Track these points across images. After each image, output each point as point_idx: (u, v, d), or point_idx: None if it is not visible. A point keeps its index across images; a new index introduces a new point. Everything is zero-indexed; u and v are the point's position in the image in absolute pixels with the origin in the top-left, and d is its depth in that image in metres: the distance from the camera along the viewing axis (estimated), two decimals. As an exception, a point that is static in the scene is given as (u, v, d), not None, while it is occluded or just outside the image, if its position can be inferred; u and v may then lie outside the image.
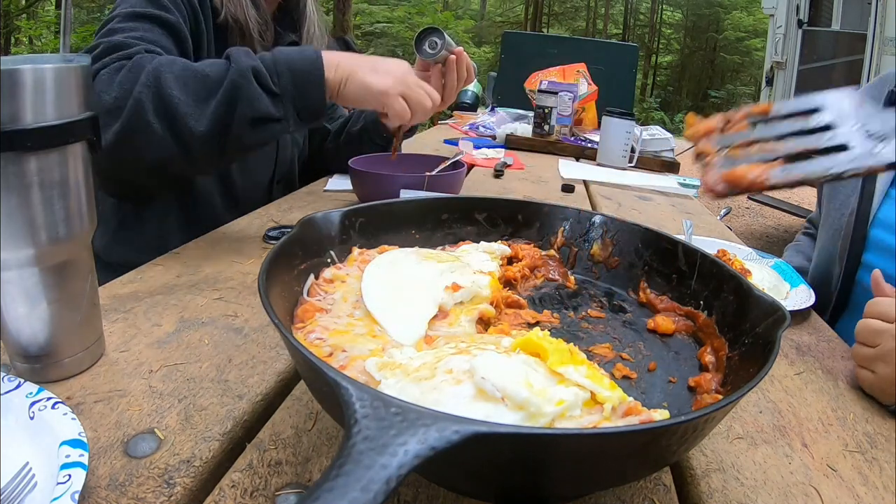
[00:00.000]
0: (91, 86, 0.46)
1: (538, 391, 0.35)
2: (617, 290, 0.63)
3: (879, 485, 0.45)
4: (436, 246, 0.65)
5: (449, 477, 0.36)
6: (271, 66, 0.78)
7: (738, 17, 15.28)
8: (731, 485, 0.44)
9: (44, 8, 9.88)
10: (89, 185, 0.48)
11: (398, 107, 0.84)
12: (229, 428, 0.45)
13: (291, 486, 0.40)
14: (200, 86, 0.76)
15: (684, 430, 0.33)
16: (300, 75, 0.79)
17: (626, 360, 0.51)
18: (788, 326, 0.41)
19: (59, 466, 0.36)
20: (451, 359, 0.38)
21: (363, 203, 0.61)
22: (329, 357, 0.42)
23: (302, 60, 0.79)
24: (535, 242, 0.68)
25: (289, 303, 0.48)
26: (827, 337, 0.72)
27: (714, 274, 0.54)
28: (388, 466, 0.25)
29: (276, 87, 0.78)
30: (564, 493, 0.37)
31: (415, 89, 0.86)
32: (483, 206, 0.68)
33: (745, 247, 0.96)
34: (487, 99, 2.99)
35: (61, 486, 0.34)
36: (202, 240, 0.84)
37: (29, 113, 0.41)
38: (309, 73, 0.79)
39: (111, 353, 0.53)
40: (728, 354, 0.48)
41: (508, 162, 1.58)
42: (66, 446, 0.38)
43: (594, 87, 2.17)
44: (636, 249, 0.63)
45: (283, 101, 0.79)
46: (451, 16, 11.54)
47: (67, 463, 0.36)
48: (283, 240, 0.49)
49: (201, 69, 0.77)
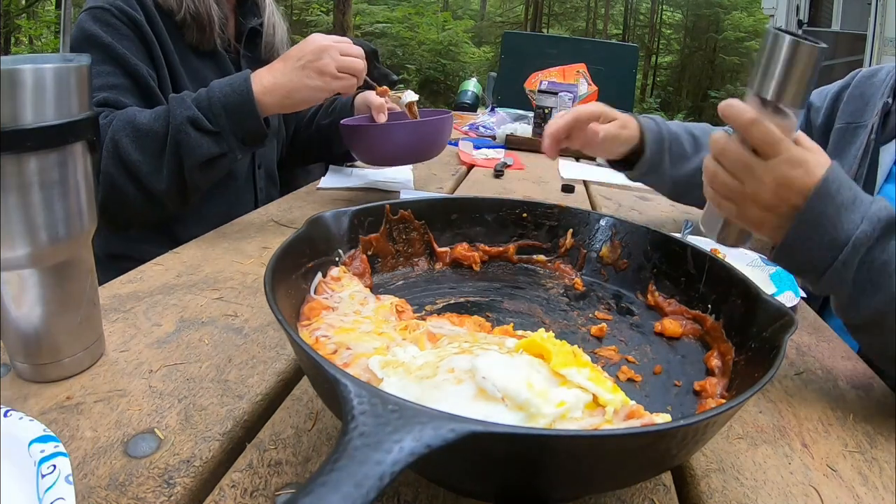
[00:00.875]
0: (90, 85, 0.46)
1: (539, 392, 0.35)
2: (625, 293, 0.63)
3: (879, 485, 0.45)
4: (444, 245, 0.65)
5: (448, 476, 0.36)
6: (206, 107, 0.84)
7: (737, 17, 15.29)
8: (731, 485, 0.44)
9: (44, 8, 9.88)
10: (89, 185, 0.48)
11: (339, 86, 0.90)
12: (229, 428, 0.45)
13: (291, 486, 0.40)
14: (151, 142, 0.84)
15: (684, 434, 0.33)
16: (233, 109, 0.85)
17: (632, 363, 0.51)
18: (795, 331, 0.41)
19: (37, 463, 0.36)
20: (454, 358, 0.38)
21: (367, 200, 0.61)
22: (333, 354, 0.42)
23: (233, 94, 0.85)
24: (544, 243, 0.68)
25: (295, 300, 0.48)
26: (827, 337, 0.72)
27: (722, 278, 0.54)
28: (382, 462, 0.25)
29: (215, 127, 0.84)
30: (564, 494, 0.37)
31: (340, 60, 0.89)
32: (492, 207, 0.68)
33: (749, 252, 0.96)
34: (487, 99, 2.98)
35: (49, 477, 0.34)
36: (202, 240, 0.84)
37: (29, 113, 0.41)
38: (241, 104, 0.85)
39: (111, 352, 0.53)
40: (735, 359, 0.48)
41: (508, 162, 1.58)
42: (37, 443, 0.38)
43: (594, 87, 2.17)
44: (645, 252, 0.63)
45: (224, 136, 0.85)
46: (450, 16, 11.55)
47: (45, 457, 0.36)
48: (290, 237, 0.49)
49: (148, 125, 0.84)
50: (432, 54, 10.42)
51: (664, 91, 17.01)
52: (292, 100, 0.89)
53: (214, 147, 0.85)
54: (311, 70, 0.88)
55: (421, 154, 1.09)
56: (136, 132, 0.84)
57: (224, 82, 0.87)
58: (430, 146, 1.07)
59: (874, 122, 0.88)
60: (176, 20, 1.02)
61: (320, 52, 0.88)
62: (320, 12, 12.41)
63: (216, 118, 0.84)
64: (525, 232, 0.68)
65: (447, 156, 1.68)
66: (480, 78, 3.31)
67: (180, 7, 1.01)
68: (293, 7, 12.82)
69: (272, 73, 0.88)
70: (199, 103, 0.85)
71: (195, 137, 0.83)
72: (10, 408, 0.42)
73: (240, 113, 0.85)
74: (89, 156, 0.47)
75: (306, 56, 0.88)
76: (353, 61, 0.90)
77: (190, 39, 1.04)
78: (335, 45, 0.90)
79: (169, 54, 1.02)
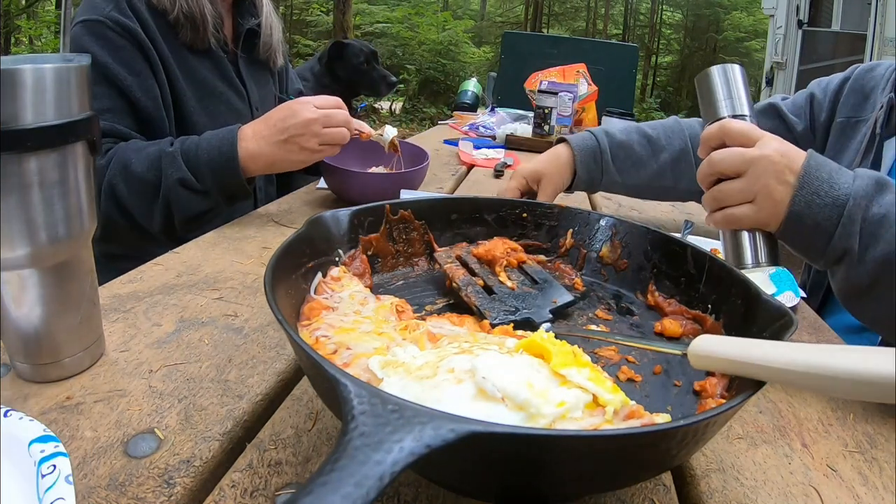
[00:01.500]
0: (90, 85, 0.46)
1: (539, 392, 0.35)
2: (625, 293, 0.63)
3: (879, 485, 0.45)
4: (444, 244, 0.65)
5: (447, 476, 0.36)
6: (195, 167, 0.89)
7: (737, 17, 15.27)
8: (731, 485, 0.44)
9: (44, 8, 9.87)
10: (89, 185, 0.48)
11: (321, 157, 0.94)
12: (229, 428, 0.45)
13: (291, 486, 0.40)
14: (144, 191, 0.90)
15: (684, 434, 0.33)
16: (219, 171, 0.90)
17: (632, 363, 0.51)
18: (795, 331, 0.41)
19: (37, 463, 0.36)
20: (454, 358, 0.38)
21: (362, 202, 0.61)
22: (333, 354, 0.42)
23: (220, 157, 0.89)
24: (544, 243, 0.68)
25: (295, 300, 0.48)
26: (827, 337, 0.72)
27: (722, 278, 0.53)
28: (382, 463, 0.25)
29: (203, 187, 0.90)
30: (564, 494, 0.37)
31: (324, 134, 0.91)
32: (492, 207, 0.68)
33: None
34: (487, 99, 2.98)
35: (49, 477, 0.34)
36: (202, 240, 0.84)
37: (29, 113, 0.41)
38: (226, 168, 0.89)
39: (111, 353, 0.53)
40: None
41: (508, 162, 1.58)
42: (37, 443, 0.38)
43: (594, 87, 2.17)
44: (645, 252, 0.63)
45: (211, 195, 0.91)
46: (450, 15, 11.54)
47: (45, 457, 0.36)
48: (290, 237, 0.50)
49: (141, 174, 0.89)
50: (432, 54, 10.42)
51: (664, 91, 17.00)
52: (274, 169, 0.94)
53: (202, 204, 0.92)
54: (293, 145, 0.90)
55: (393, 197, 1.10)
56: (130, 179, 0.90)
57: (213, 142, 0.91)
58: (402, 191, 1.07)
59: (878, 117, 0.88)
60: (169, 20, 1.02)
61: (304, 128, 0.90)
62: (320, 12, 12.40)
63: (203, 179, 0.89)
64: (525, 232, 0.68)
65: (447, 156, 1.68)
66: (480, 78, 3.31)
67: (173, 7, 1.02)
68: (293, 7, 12.81)
69: (256, 141, 0.91)
70: (188, 162, 0.89)
71: (185, 196, 0.90)
72: (10, 408, 0.42)
73: (225, 176, 0.90)
74: (89, 156, 0.47)
75: (290, 130, 0.90)
76: (336, 133, 0.92)
77: (184, 39, 1.05)
78: (321, 117, 0.91)
79: (164, 56, 1.03)
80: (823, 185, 0.61)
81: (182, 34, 1.04)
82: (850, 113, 0.94)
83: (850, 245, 0.60)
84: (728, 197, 0.65)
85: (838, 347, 0.34)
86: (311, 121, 0.90)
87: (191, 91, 1.07)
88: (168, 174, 0.89)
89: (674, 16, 18.19)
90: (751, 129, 0.64)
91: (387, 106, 9.68)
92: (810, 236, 0.62)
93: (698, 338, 0.42)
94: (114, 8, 0.98)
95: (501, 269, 0.62)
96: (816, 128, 0.99)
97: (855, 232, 0.60)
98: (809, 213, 0.61)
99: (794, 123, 1.00)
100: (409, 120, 9.25)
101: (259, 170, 0.93)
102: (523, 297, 0.59)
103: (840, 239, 0.61)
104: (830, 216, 0.60)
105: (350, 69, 2.54)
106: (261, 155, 0.91)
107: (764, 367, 0.36)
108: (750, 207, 0.64)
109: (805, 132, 0.99)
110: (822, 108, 0.99)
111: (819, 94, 1.00)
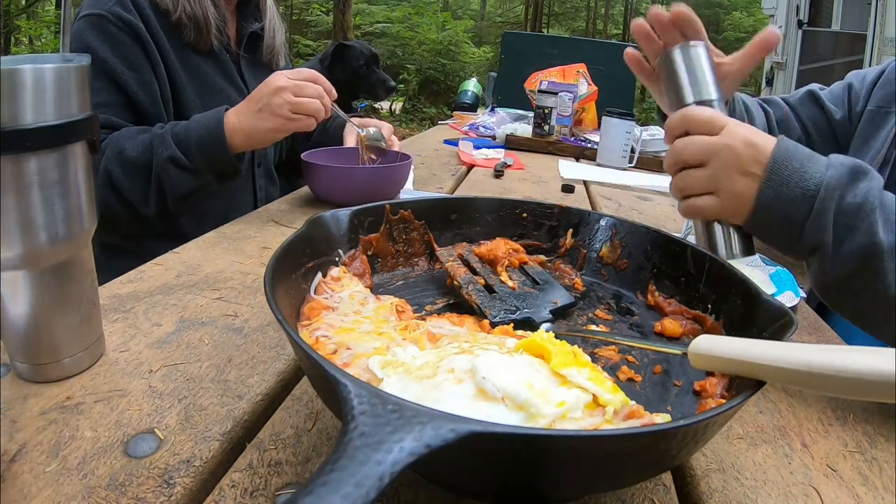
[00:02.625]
0: (90, 85, 0.46)
1: (539, 392, 0.35)
2: (625, 293, 0.63)
3: (879, 485, 0.45)
4: (444, 245, 0.65)
5: (447, 476, 0.36)
6: (185, 146, 0.92)
7: (738, 17, 15.27)
8: (731, 485, 0.44)
9: (44, 8, 9.88)
10: (89, 185, 0.48)
11: (295, 126, 0.94)
12: (229, 428, 0.45)
13: (291, 486, 0.40)
14: (138, 174, 0.93)
15: (684, 434, 0.33)
16: (208, 148, 0.93)
17: (632, 363, 0.51)
18: (795, 331, 0.41)
19: None
20: (454, 358, 0.38)
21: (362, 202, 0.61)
22: (333, 354, 0.42)
23: (207, 135, 0.93)
24: (544, 243, 0.68)
25: (295, 300, 0.48)
26: (827, 337, 0.72)
27: (722, 278, 0.53)
28: (382, 463, 0.25)
29: (192, 165, 0.93)
30: (564, 494, 0.37)
31: (294, 101, 0.92)
32: (492, 207, 0.68)
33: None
34: (487, 99, 2.98)
35: None
36: (202, 240, 0.84)
37: (29, 113, 0.41)
38: (214, 145, 0.92)
39: (111, 353, 0.53)
40: None
41: (508, 162, 1.58)
42: None
43: (594, 87, 2.17)
44: (645, 252, 0.63)
45: (201, 173, 0.94)
46: (450, 16, 11.54)
47: None
48: (290, 237, 0.49)
49: (135, 158, 0.93)
50: (432, 54, 10.42)
51: (664, 91, 16.94)
52: (252, 140, 0.95)
53: (193, 182, 0.94)
54: (266, 112, 0.92)
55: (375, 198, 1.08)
56: (125, 164, 0.93)
57: (201, 121, 0.94)
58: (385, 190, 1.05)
59: None
60: (171, 20, 1.03)
61: (274, 94, 0.92)
62: (320, 12, 12.41)
63: (193, 157, 0.92)
64: (525, 232, 0.68)
65: (447, 156, 1.68)
66: (480, 78, 3.31)
67: (176, 8, 1.02)
68: (293, 7, 12.81)
69: (237, 115, 0.94)
70: (178, 142, 0.92)
71: (175, 174, 0.93)
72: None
73: (213, 152, 0.93)
74: (89, 156, 0.47)
75: (263, 98, 0.92)
76: (306, 102, 0.93)
77: (187, 39, 1.05)
78: (291, 85, 0.92)
79: (166, 54, 1.03)
80: (794, 175, 0.57)
81: (185, 34, 1.05)
82: (881, 103, 0.94)
83: (823, 239, 0.57)
84: (690, 186, 0.62)
85: (838, 347, 0.34)
86: (281, 88, 0.92)
87: (192, 87, 1.08)
88: (159, 153, 0.92)
89: (674, 16, 18.15)
90: (714, 117, 0.61)
91: (387, 106, 9.68)
92: (779, 230, 0.59)
93: (698, 338, 0.42)
94: (116, 3, 0.99)
95: (503, 269, 0.62)
96: (853, 116, 0.99)
97: (827, 225, 0.56)
98: (778, 205, 0.58)
99: (832, 111, 1.00)
100: (409, 120, 9.25)
101: (241, 143, 0.94)
102: (524, 296, 0.59)
103: (812, 232, 0.57)
104: (800, 208, 0.57)
105: (350, 72, 2.55)
106: (239, 128, 0.93)
107: (764, 367, 0.36)
108: (713, 199, 0.61)
109: (843, 120, 0.99)
110: (858, 97, 0.99)
111: (857, 84, 1.00)
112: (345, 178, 1.03)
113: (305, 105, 0.93)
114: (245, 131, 0.94)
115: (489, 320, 0.54)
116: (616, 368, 0.50)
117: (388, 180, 1.04)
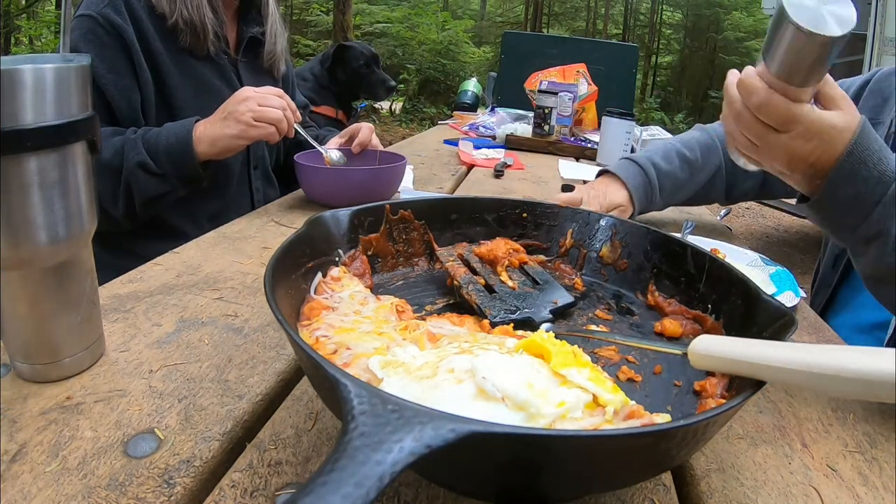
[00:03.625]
0: (90, 85, 0.46)
1: (539, 392, 0.35)
2: (625, 293, 0.63)
3: (879, 485, 0.45)
4: (444, 245, 0.65)
5: (447, 476, 0.36)
6: (154, 152, 0.96)
7: (737, 17, 15.27)
8: (731, 485, 0.44)
9: (44, 8, 9.87)
10: (89, 185, 0.48)
11: (257, 134, 0.97)
12: (229, 428, 0.45)
13: (291, 486, 0.40)
14: (109, 176, 0.96)
15: (684, 434, 0.33)
16: (175, 155, 0.96)
17: (632, 363, 0.51)
18: (795, 331, 0.41)
19: None
20: (454, 358, 0.38)
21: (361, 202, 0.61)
22: (333, 354, 0.42)
23: (177, 143, 0.96)
24: (544, 243, 0.68)
25: (295, 300, 0.48)
26: (827, 337, 0.72)
27: (722, 278, 0.53)
28: (382, 463, 0.25)
29: (160, 170, 0.96)
30: (564, 494, 0.37)
31: (258, 110, 0.96)
32: (492, 207, 0.68)
33: (750, 252, 0.96)
34: (487, 99, 2.99)
35: None
36: (202, 240, 0.84)
37: (29, 113, 0.41)
38: (181, 153, 0.96)
39: (111, 353, 0.53)
40: None
41: (508, 162, 1.58)
42: None
43: (594, 87, 2.17)
44: (645, 252, 0.63)
45: (168, 178, 0.98)
46: (450, 16, 11.54)
47: None
48: (290, 237, 0.50)
49: (108, 161, 0.95)
50: (432, 54, 10.42)
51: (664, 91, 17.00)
52: (216, 147, 0.98)
53: (160, 187, 0.98)
54: (230, 119, 0.96)
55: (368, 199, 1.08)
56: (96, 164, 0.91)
57: (172, 129, 0.98)
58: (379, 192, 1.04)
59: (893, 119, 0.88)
60: (168, 26, 1.03)
61: (239, 103, 0.96)
62: (320, 12, 12.40)
63: (161, 163, 0.96)
64: (525, 232, 0.68)
65: (447, 156, 1.68)
66: (480, 78, 3.31)
67: (172, 13, 1.02)
68: (293, 7, 12.81)
69: (205, 125, 0.98)
70: (148, 148, 0.96)
71: (143, 179, 0.96)
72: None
73: (180, 159, 0.96)
74: (89, 156, 0.47)
75: (228, 107, 0.97)
76: (268, 111, 0.97)
77: (184, 43, 1.05)
78: (256, 96, 0.97)
79: (157, 56, 1.03)
80: (872, 156, 0.57)
81: (182, 39, 1.05)
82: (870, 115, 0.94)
83: (887, 226, 0.57)
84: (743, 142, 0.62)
85: (838, 347, 0.34)
86: (246, 97, 0.97)
87: (187, 88, 1.08)
88: (129, 157, 0.95)
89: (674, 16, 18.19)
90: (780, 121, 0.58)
91: (387, 106, 9.67)
92: (847, 207, 0.59)
93: (698, 338, 0.42)
94: (108, 5, 0.99)
95: (503, 268, 0.62)
96: None
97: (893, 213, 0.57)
98: (852, 182, 0.57)
99: None
100: (409, 120, 9.24)
101: (206, 151, 0.97)
102: (524, 296, 0.59)
103: (879, 216, 0.58)
104: (874, 191, 0.57)
105: (350, 72, 2.55)
106: (205, 135, 0.97)
107: (764, 367, 0.36)
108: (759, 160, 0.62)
109: None
110: None
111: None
112: (337, 179, 1.03)
113: (267, 113, 0.97)
114: (210, 138, 0.97)
115: (489, 320, 0.54)
116: (616, 368, 0.50)
117: (381, 181, 1.04)
